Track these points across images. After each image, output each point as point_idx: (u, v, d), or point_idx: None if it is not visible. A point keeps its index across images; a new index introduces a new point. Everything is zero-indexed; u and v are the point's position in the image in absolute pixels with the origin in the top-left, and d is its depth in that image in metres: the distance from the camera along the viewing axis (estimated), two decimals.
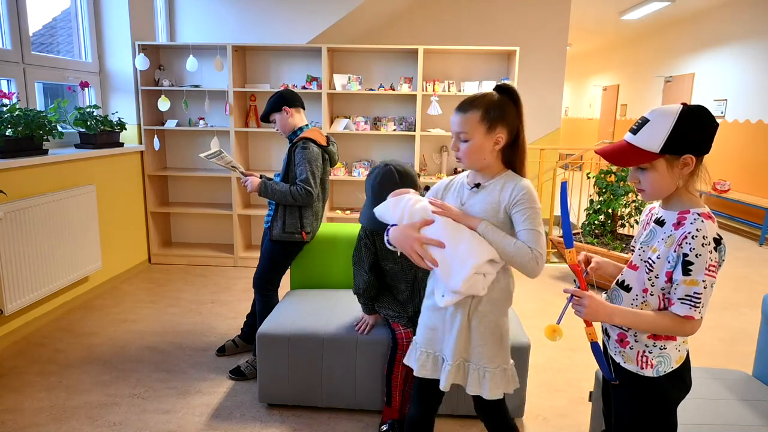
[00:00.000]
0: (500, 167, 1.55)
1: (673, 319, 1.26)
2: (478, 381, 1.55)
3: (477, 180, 1.57)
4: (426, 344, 1.61)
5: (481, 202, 1.53)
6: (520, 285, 4.21)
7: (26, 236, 3.01)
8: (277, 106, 2.62)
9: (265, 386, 2.36)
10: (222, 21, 4.76)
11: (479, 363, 1.55)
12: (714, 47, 7.54)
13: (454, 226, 1.50)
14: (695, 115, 1.22)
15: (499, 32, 5.84)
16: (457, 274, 1.45)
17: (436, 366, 1.59)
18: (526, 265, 1.45)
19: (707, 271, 1.22)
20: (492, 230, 1.48)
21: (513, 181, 1.52)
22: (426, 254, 1.49)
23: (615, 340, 1.39)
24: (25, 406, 2.39)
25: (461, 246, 1.46)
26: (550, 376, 2.77)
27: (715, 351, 3.12)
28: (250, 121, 4.63)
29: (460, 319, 1.53)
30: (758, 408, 1.78)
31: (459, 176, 1.66)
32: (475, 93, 1.54)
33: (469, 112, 1.48)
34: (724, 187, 6.45)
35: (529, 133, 5.87)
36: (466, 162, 1.53)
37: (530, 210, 1.48)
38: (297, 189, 2.50)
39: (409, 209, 1.55)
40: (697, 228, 1.22)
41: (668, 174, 1.27)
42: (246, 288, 3.99)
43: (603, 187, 4.28)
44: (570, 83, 14.37)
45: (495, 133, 1.49)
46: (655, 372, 1.33)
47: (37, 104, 3.55)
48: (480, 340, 1.55)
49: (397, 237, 1.55)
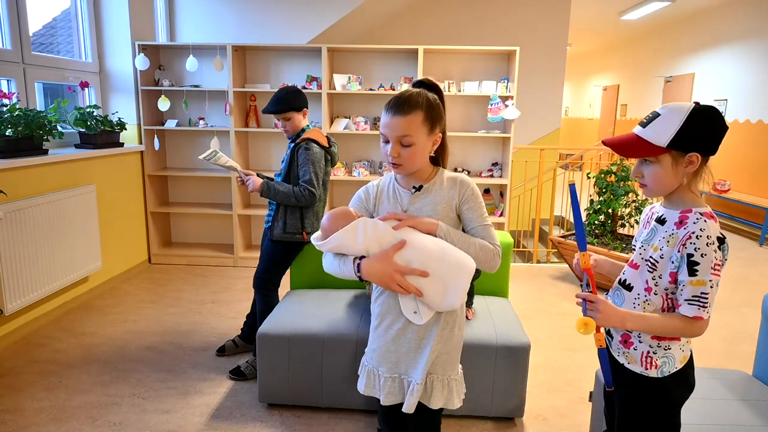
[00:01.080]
0: (431, 166, 1.49)
1: (683, 320, 1.26)
2: (442, 392, 1.47)
3: (413, 183, 1.47)
4: (391, 370, 1.48)
5: (430, 203, 1.45)
6: (519, 285, 4.22)
7: (26, 236, 3.01)
8: (298, 105, 2.57)
9: (265, 386, 2.36)
10: (222, 21, 4.76)
11: (444, 373, 1.48)
12: (714, 47, 7.54)
13: (424, 241, 1.38)
14: (706, 115, 1.22)
15: (499, 32, 5.84)
16: (452, 291, 1.37)
17: (402, 390, 1.48)
18: (489, 262, 1.42)
19: (713, 271, 1.22)
20: (452, 231, 1.41)
21: (453, 176, 1.48)
22: (409, 286, 1.38)
23: (619, 341, 1.39)
24: (25, 406, 2.39)
25: (444, 263, 1.36)
26: (550, 376, 2.77)
27: (715, 351, 3.12)
28: (250, 121, 4.63)
29: (436, 332, 1.44)
30: (758, 408, 1.78)
31: (381, 183, 1.54)
32: (404, 91, 1.40)
33: (411, 113, 1.36)
34: (724, 187, 6.45)
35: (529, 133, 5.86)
36: (407, 167, 1.41)
37: (480, 205, 1.46)
38: (300, 190, 2.49)
39: (373, 236, 1.38)
40: (701, 228, 1.22)
41: (672, 170, 1.27)
42: (246, 288, 3.99)
43: (603, 187, 4.28)
44: (570, 83, 14.37)
45: (435, 134, 1.42)
46: (660, 372, 1.33)
47: (37, 104, 3.55)
48: (447, 347, 1.47)
49: (374, 273, 1.39)
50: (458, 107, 4.74)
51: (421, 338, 1.45)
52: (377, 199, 1.52)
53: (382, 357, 1.50)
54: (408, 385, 1.47)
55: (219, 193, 4.79)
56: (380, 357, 1.50)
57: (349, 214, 1.46)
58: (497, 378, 2.27)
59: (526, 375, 2.27)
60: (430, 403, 1.47)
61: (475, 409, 2.31)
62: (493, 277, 2.72)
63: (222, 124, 4.59)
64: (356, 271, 1.42)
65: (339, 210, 1.46)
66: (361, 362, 1.60)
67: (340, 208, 1.47)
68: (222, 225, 4.81)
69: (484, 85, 4.48)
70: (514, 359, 2.25)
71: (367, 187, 1.55)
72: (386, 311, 1.48)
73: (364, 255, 1.42)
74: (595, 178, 4.36)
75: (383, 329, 1.49)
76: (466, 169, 4.85)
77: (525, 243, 5.71)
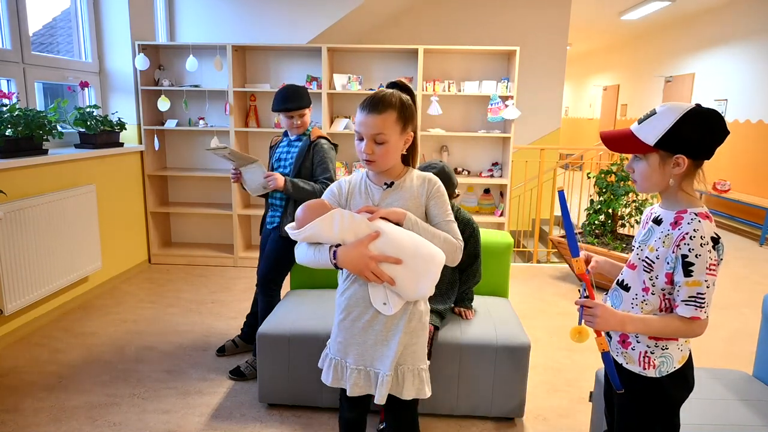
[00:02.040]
0: (401, 165, 1.55)
1: (681, 321, 1.26)
2: (413, 383, 1.50)
3: (384, 180, 1.53)
4: (357, 361, 1.51)
5: (401, 199, 1.51)
6: (519, 285, 4.22)
7: (26, 236, 3.01)
8: (309, 101, 2.61)
9: (265, 386, 2.36)
10: (222, 21, 4.76)
11: (415, 364, 1.51)
12: (714, 47, 7.54)
13: (398, 232, 1.43)
14: (701, 118, 1.22)
15: (499, 32, 5.84)
16: (423, 281, 1.41)
17: (369, 381, 1.51)
18: (452, 254, 1.48)
19: (708, 271, 1.22)
20: (420, 222, 1.47)
21: (422, 175, 1.55)
22: (383, 273, 1.41)
23: (617, 341, 1.39)
24: (25, 406, 2.39)
25: (417, 254, 1.40)
26: (550, 376, 2.77)
27: (715, 351, 3.12)
28: (250, 120, 4.63)
29: (403, 323, 1.47)
30: (758, 408, 1.78)
31: (354, 179, 1.59)
32: (378, 91, 1.47)
33: (385, 112, 1.42)
34: (724, 187, 6.45)
35: (529, 133, 5.85)
36: (380, 164, 1.47)
37: (444, 202, 1.52)
38: (322, 187, 2.51)
39: (350, 226, 1.42)
40: (695, 228, 1.22)
41: (659, 170, 1.27)
42: (246, 288, 3.99)
43: (603, 187, 4.28)
44: (570, 83, 14.37)
45: (407, 133, 1.49)
46: (658, 372, 1.33)
47: (37, 104, 3.55)
48: (414, 338, 1.51)
49: (349, 260, 1.42)
50: (458, 107, 4.74)
51: (388, 330, 1.48)
52: (349, 194, 1.57)
53: (349, 349, 1.52)
54: (376, 376, 1.49)
55: (219, 193, 4.79)
56: (346, 349, 1.53)
57: (324, 205, 1.50)
58: (497, 378, 2.27)
59: (526, 375, 2.27)
60: (403, 395, 1.50)
61: (475, 409, 2.32)
62: (493, 277, 2.72)
63: (222, 124, 4.59)
64: (332, 259, 1.45)
65: (314, 202, 1.50)
66: (322, 355, 1.62)
67: (315, 200, 1.51)
68: (222, 225, 4.81)
69: (484, 85, 4.48)
70: (514, 359, 2.25)
71: (340, 182, 1.60)
72: (354, 303, 1.50)
73: (339, 244, 1.45)
74: (595, 178, 4.36)
75: (350, 321, 1.52)
76: (466, 169, 4.85)
77: (525, 243, 5.71)
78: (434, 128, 4.67)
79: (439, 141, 4.84)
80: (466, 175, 4.77)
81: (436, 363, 2.27)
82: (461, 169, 4.80)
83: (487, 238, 2.71)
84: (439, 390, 2.29)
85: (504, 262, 2.72)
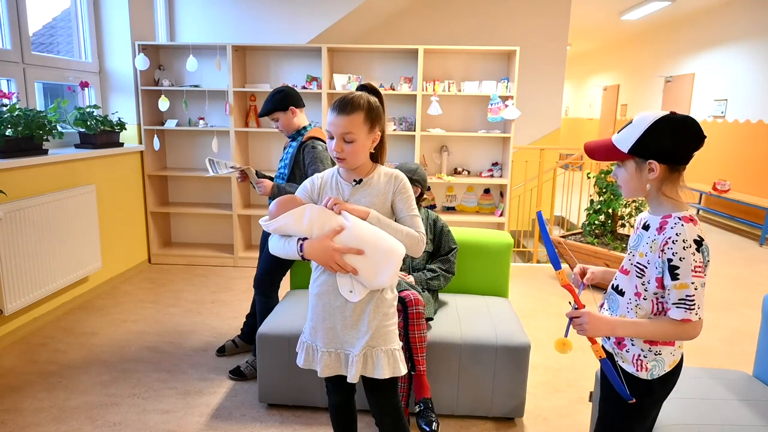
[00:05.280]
0: (370, 163, 1.64)
1: (673, 323, 1.29)
2: (388, 363, 1.58)
3: (353, 177, 1.62)
4: (326, 344, 1.62)
5: (369, 195, 1.60)
6: (519, 285, 4.22)
7: (26, 236, 3.01)
8: (283, 105, 2.59)
9: (265, 386, 2.36)
10: (222, 21, 4.76)
11: (387, 344, 1.60)
12: (714, 47, 7.54)
13: (362, 227, 1.52)
14: (672, 125, 1.27)
15: (499, 32, 5.84)
16: (383, 272, 1.52)
17: (339, 362, 1.61)
18: (414, 247, 1.58)
19: (694, 273, 1.25)
20: (382, 218, 1.56)
21: (389, 172, 1.64)
22: (346, 264, 1.52)
23: (613, 342, 1.43)
24: (25, 406, 2.39)
25: (378, 247, 1.51)
26: (550, 376, 2.77)
27: (715, 351, 3.12)
28: (250, 120, 4.63)
29: (370, 309, 1.57)
30: (758, 408, 1.78)
31: (325, 176, 1.68)
32: (348, 93, 1.58)
33: (353, 113, 1.53)
34: (724, 187, 6.45)
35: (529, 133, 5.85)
36: (350, 161, 1.57)
37: (409, 197, 1.63)
38: None
39: (318, 220, 1.53)
40: (677, 232, 1.26)
41: (636, 176, 1.33)
42: (246, 288, 4.00)
43: (603, 187, 4.28)
44: (570, 83, 14.37)
45: (374, 133, 1.58)
46: (649, 375, 1.37)
47: (37, 104, 3.55)
48: (385, 322, 1.60)
49: (315, 252, 1.54)
50: (458, 107, 4.74)
51: (357, 315, 1.58)
52: (321, 190, 1.66)
53: (320, 333, 1.63)
54: (346, 358, 1.60)
55: (219, 193, 4.79)
56: (318, 333, 1.63)
57: (294, 200, 1.61)
58: (497, 378, 2.27)
59: (526, 375, 2.27)
60: (380, 374, 1.57)
61: (475, 409, 2.32)
62: (493, 277, 2.72)
63: (222, 124, 4.59)
64: (299, 251, 1.56)
65: (286, 197, 1.61)
66: (299, 340, 1.71)
67: (287, 196, 1.62)
68: (222, 225, 4.81)
69: (484, 85, 4.48)
70: (514, 359, 2.25)
71: (313, 179, 1.69)
72: (324, 291, 1.61)
73: (306, 237, 1.56)
74: (595, 178, 4.36)
75: (321, 307, 1.62)
76: (466, 169, 4.85)
77: (525, 243, 5.71)
78: (434, 128, 4.67)
79: (439, 141, 4.84)
80: (466, 175, 4.77)
81: (436, 363, 2.28)
82: (461, 169, 4.80)
83: (487, 238, 2.71)
84: (439, 390, 2.30)
85: (504, 262, 2.72)
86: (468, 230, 2.79)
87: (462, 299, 2.64)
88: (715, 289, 4.21)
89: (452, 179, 4.59)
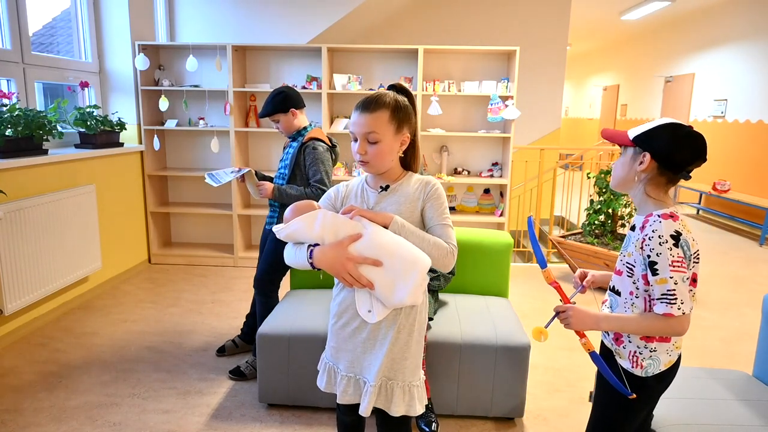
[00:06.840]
0: (400, 169, 1.51)
1: (657, 318, 1.31)
2: (403, 399, 1.45)
3: (381, 183, 1.49)
4: (347, 369, 1.48)
5: (395, 203, 1.46)
6: (520, 285, 4.22)
7: (26, 236, 3.01)
8: (283, 106, 2.58)
9: (265, 386, 2.36)
10: (222, 21, 4.76)
11: (405, 379, 1.45)
12: (714, 47, 7.54)
13: (382, 235, 1.37)
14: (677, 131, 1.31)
15: (499, 32, 5.84)
16: (402, 287, 1.34)
17: (358, 390, 1.48)
18: (443, 259, 1.41)
19: (672, 268, 1.26)
20: (407, 225, 1.40)
21: (421, 178, 1.50)
22: (361, 276, 1.36)
23: (612, 338, 1.46)
24: (25, 406, 2.39)
25: (398, 256, 1.34)
26: (550, 376, 2.77)
27: (715, 351, 3.12)
28: (250, 121, 4.63)
29: (392, 335, 1.42)
30: (758, 408, 1.78)
31: (352, 183, 1.56)
32: (373, 92, 1.44)
33: (377, 111, 1.39)
34: (724, 187, 6.45)
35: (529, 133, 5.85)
36: (375, 164, 1.43)
37: (441, 204, 1.47)
38: (312, 190, 2.50)
39: (331, 226, 1.38)
40: (654, 229, 1.29)
41: (629, 163, 1.37)
42: (246, 288, 4.00)
43: (603, 187, 4.28)
44: (570, 83, 14.37)
45: (402, 134, 1.44)
46: (644, 372, 1.39)
47: (37, 104, 3.55)
48: (406, 353, 1.45)
49: (326, 260, 1.38)
50: (458, 107, 4.74)
51: (375, 339, 1.44)
52: (345, 198, 1.54)
53: (340, 354, 1.51)
54: (364, 385, 1.47)
55: (219, 193, 4.79)
56: (338, 354, 1.51)
57: (311, 206, 1.48)
58: (497, 378, 2.27)
59: (526, 375, 2.27)
60: (392, 410, 1.45)
61: (475, 409, 2.32)
62: (493, 277, 2.72)
63: (222, 124, 4.59)
64: (308, 258, 1.42)
65: (302, 203, 1.48)
66: (321, 358, 1.60)
67: (304, 201, 1.49)
68: (222, 225, 4.81)
69: (484, 85, 4.48)
70: (514, 359, 2.25)
71: (338, 186, 1.58)
72: (344, 309, 1.48)
73: (318, 244, 1.42)
74: (595, 178, 4.37)
75: (340, 326, 1.50)
76: (466, 169, 4.85)
77: (525, 243, 5.71)
78: (434, 128, 4.67)
79: (439, 141, 4.84)
80: (466, 175, 4.77)
81: (436, 363, 2.28)
82: (461, 169, 4.80)
83: (487, 238, 2.71)
84: (439, 390, 2.30)
85: (504, 262, 2.72)
86: (468, 230, 2.79)
87: (462, 299, 2.64)
88: (715, 289, 4.21)
89: (452, 179, 4.59)
